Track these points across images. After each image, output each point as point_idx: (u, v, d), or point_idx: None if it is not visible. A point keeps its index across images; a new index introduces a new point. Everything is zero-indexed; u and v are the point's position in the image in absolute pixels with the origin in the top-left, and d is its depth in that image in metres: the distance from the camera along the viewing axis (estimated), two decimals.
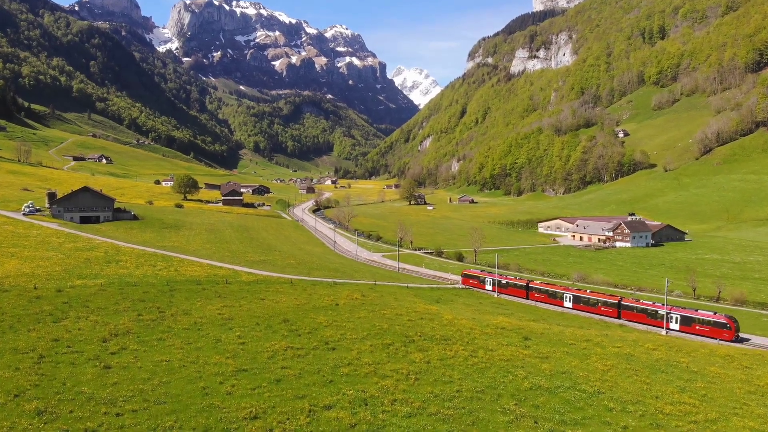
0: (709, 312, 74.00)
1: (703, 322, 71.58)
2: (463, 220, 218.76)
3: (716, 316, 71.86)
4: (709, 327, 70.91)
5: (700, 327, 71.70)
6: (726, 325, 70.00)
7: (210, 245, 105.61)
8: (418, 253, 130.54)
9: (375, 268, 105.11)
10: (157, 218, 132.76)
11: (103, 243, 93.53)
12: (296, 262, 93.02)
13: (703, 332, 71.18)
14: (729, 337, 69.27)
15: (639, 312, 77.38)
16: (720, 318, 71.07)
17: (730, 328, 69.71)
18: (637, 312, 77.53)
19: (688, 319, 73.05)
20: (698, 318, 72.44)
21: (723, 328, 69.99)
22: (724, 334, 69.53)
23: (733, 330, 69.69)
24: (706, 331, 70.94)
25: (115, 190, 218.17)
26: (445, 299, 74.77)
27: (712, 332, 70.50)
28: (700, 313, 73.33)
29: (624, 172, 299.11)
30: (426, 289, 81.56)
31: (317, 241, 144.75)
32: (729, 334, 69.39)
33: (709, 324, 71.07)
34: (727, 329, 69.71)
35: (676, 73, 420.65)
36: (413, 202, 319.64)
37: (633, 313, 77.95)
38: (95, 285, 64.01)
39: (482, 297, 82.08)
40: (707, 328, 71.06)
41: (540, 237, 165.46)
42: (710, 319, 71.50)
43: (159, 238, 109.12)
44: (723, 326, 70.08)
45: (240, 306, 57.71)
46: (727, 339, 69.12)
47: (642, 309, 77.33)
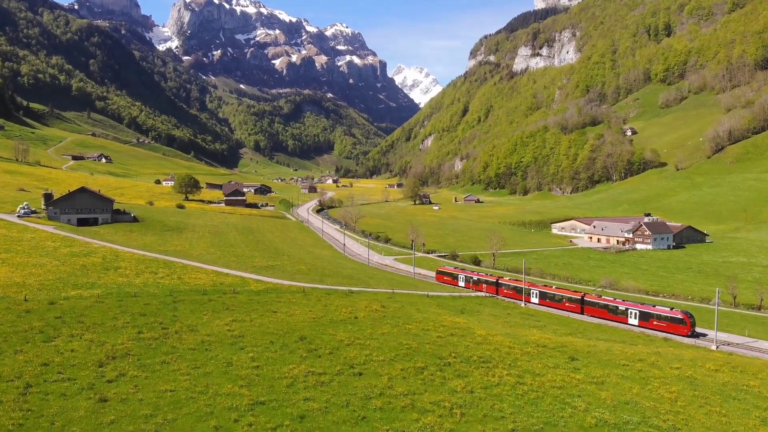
0: (666, 308, 75.48)
1: (661, 318, 73.23)
2: (471, 220, 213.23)
3: (673, 311, 73.13)
4: (666, 322, 72.55)
5: (657, 322, 73.40)
6: (682, 320, 71.25)
7: (214, 249, 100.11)
8: (431, 256, 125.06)
9: (389, 274, 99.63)
10: (158, 220, 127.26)
11: (101, 247, 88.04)
12: (307, 267, 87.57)
13: (661, 327, 72.67)
14: (685, 332, 70.61)
15: (601, 308, 78.98)
16: (677, 314, 72.30)
17: (686, 324, 70.90)
18: (599, 308, 79.12)
19: (646, 315, 74.86)
20: (656, 314, 74.03)
21: (679, 323, 71.43)
22: (680, 329, 71.11)
23: (688, 325, 70.88)
24: (663, 326, 72.50)
25: (115, 190, 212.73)
26: (470, 309, 69.29)
27: (668, 327, 72.06)
28: (657, 309, 74.74)
29: (634, 171, 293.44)
30: (447, 298, 76.10)
31: (325, 243, 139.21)
32: (685, 329, 70.80)
33: (666, 319, 72.63)
34: (683, 324, 71.06)
35: (683, 70, 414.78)
36: (418, 202, 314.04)
37: (595, 309, 79.49)
38: (91, 296, 58.55)
39: (509, 307, 76.57)
40: (664, 323, 72.71)
41: (555, 239, 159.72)
42: (667, 314, 72.88)
43: (160, 241, 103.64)
44: (679, 322, 71.46)
45: (251, 320, 52.23)
46: (683, 334, 70.47)
47: (603, 305, 78.96)
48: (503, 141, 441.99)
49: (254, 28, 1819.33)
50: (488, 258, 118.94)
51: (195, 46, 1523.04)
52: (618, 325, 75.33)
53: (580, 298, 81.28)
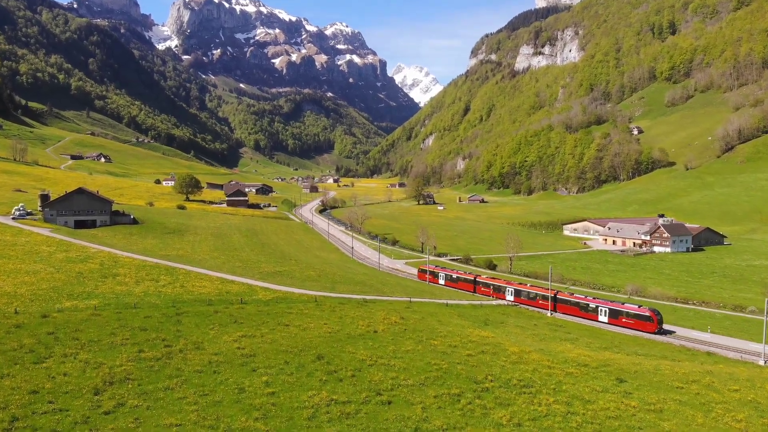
0: (634, 305, 77.08)
1: (629, 315, 74.65)
2: (478, 221, 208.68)
3: (641, 309, 74.70)
4: (634, 320, 73.93)
5: (626, 320, 74.81)
6: (649, 317, 72.64)
7: (218, 253, 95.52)
8: (443, 259, 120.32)
9: (402, 280, 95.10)
10: (158, 222, 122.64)
11: (98, 252, 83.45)
12: (316, 273, 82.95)
13: (629, 324, 74.16)
14: (652, 329, 72.05)
15: (572, 305, 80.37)
16: (644, 311, 73.78)
17: (653, 321, 72.30)
18: (571, 305, 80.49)
19: (615, 312, 76.27)
20: (624, 311, 75.41)
21: (647, 320, 72.79)
22: (647, 326, 72.50)
23: (655, 322, 72.24)
24: (632, 324, 73.95)
25: (114, 191, 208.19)
26: (493, 320, 64.76)
27: (636, 324, 73.42)
28: (626, 307, 76.19)
29: (642, 170, 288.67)
30: (468, 307, 71.54)
31: (331, 246, 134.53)
32: (652, 326, 72.21)
33: (635, 317, 74.02)
34: (650, 322, 72.48)
35: (689, 68, 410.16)
36: (422, 202, 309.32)
37: (567, 306, 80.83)
38: (88, 308, 54.01)
39: (534, 317, 71.95)
40: (632, 320, 74.11)
41: (567, 240, 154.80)
42: (635, 312, 74.34)
43: (161, 245, 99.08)
44: (647, 319, 72.82)
45: (262, 336, 47.69)
46: (651, 331, 71.97)
47: (575, 302, 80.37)
48: (507, 140, 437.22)
49: (254, 27, 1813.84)
50: (504, 262, 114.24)
51: (194, 45, 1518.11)
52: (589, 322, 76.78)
53: (553, 296, 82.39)
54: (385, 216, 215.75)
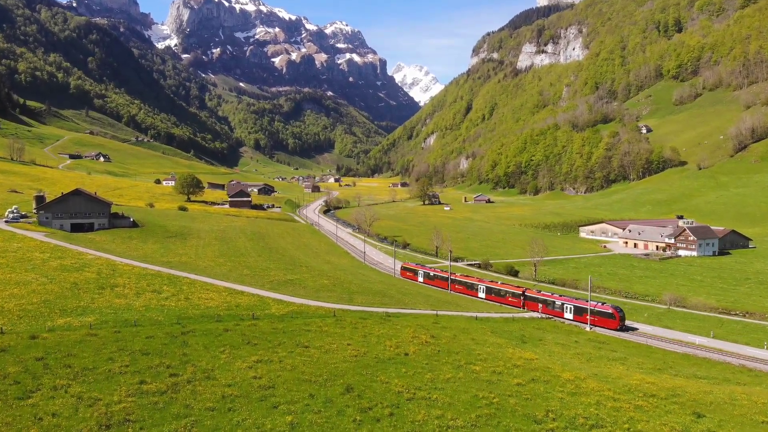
0: (598, 302, 78.57)
1: (593, 312, 75.98)
2: (488, 222, 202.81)
3: (604, 306, 76.20)
4: (598, 317, 75.22)
5: (590, 317, 76.17)
6: (612, 315, 73.91)
7: (224, 259, 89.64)
8: (461, 265, 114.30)
9: (422, 288, 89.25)
10: (159, 224, 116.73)
11: (96, 259, 77.63)
12: (330, 282, 77.08)
13: (593, 321, 75.52)
14: (614, 325, 73.53)
15: (540, 302, 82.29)
16: (607, 308, 75.05)
17: (615, 318, 73.58)
18: (539, 302, 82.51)
19: (580, 309, 77.69)
20: (589, 308, 76.62)
21: (609, 317, 74.05)
22: (610, 323, 73.85)
23: (617, 319, 73.50)
24: (595, 321, 75.40)
25: (113, 191, 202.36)
26: (530, 337, 58.98)
27: (599, 321, 74.80)
28: (590, 304, 77.29)
29: (653, 170, 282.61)
30: (498, 321, 65.74)
31: (341, 250, 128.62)
32: (614, 323, 73.58)
33: (598, 314, 75.28)
34: (612, 318, 73.78)
35: (696, 66, 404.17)
36: (427, 202, 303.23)
37: (534, 304, 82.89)
38: (83, 326, 48.25)
39: (572, 332, 66.01)
40: (596, 317, 75.47)
41: (585, 243, 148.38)
42: (599, 309, 75.73)
43: (163, 250, 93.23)
44: (609, 316, 74.08)
45: (280, 361, 41.92)
46: (613, 327, 73.39)
47: (543, 300, 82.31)
48: (512, 139, 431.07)
49: (254, 26, 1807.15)
50: (525, 267, 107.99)
51: (194, 44, 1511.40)
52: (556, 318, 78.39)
53: (522, 293, 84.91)
54: (391, 217, 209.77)
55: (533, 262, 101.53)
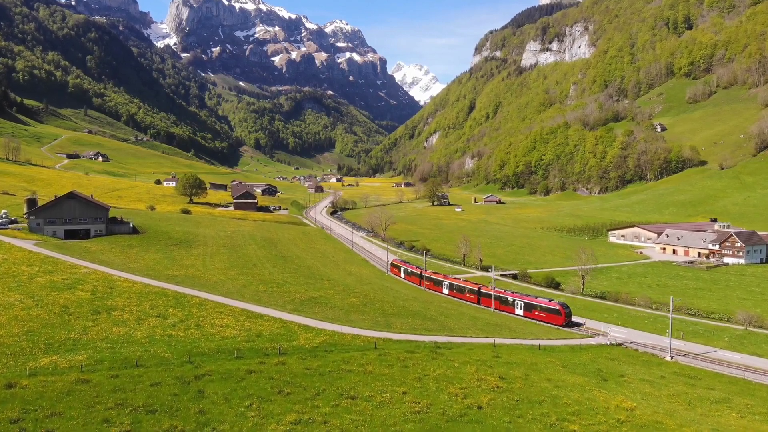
0: (546, 299, 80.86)
1: (541, 309, 78.37)
2: (505, 224, 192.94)
3: (551, 303, 78.28)
4: (546, 313, 77.49)
5: (538, 313, 78.78)
6: (558, 311, 76.02)
7: (235, 271, 79.99)
8: (490, 275, 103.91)
9: (463, 306, 79.58)
10: (162, 230, 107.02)
11: (91, 273, 68.03)
12: (359, 300, 67.49)
13: (541, 317, 78.03)
14: (560, 321, 75.46)
15: (494, 299, 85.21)
16: (554, 305, 77.20)
17: (561, 314, 75.52)
18: (493, 299, 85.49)
19: (530, 306, 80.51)
20: (537, 305, 79.25)
21: (556, 314, 76.12)
22: (557, 319, 75.89)
23: (563, 315, 75.42)
24: (543, 317, 77.66)
25: (111, 193, 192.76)
26: (608, 371, 49.44)
27: (547, 317, 76.97)
28: (538, 301, 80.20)
29: (671, 170, 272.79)
30: (564, 350, 56.24)
31: (359, 258, 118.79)
32: (560, 319, 75.45)
33: (546, 310, 77.60)
34: (559, 315, 75.74)
35: (709, 64, 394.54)
36: (436, 203, 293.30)
37: (489, 300, 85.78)
38: (72, 367, 38.72)
39: (649, 361, 56.17)
40: (544, 313, 77.75)
41: (618, 249, 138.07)
42: (546, 306, 78.02)
43: (167, 261, 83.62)
44: (556, 312, 76.18)
45: (324, 422, 32.36)
46: (559, 323, 75.36)
47: (496, 296, 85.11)
48: (520, 138, 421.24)
49: (253, 24, 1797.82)
50: (567, 278, 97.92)
51: (193, 43, 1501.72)
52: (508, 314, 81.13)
53: (477, 290, 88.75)
54: (402, 219, 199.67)
55: (580, 273, 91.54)
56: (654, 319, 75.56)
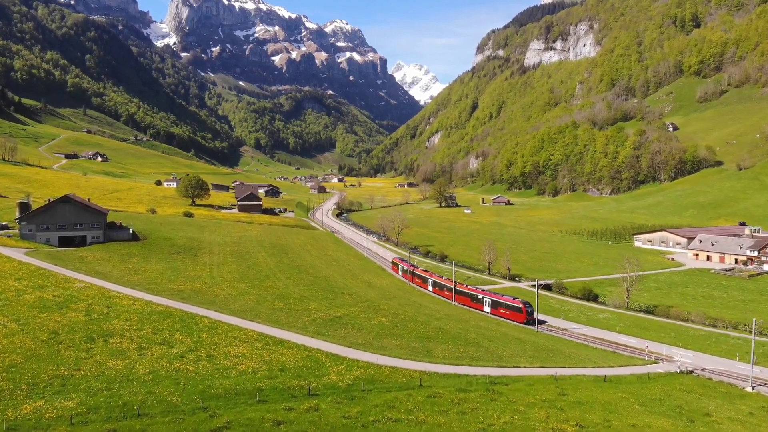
0: (510, 297, 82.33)
1: (506, 306, 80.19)
2: (520, 227, 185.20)
3: (514, 301, 79.94)
4: (509, 310, 79.34)
5: (503, 310, 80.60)
6: (520, 309, 77.99)
7: (246, 284, 72.54)
8: (523, 286, 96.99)
9: (503, 326, 71.05)
10: (164, 237, 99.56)
11: (86, 289, 60.65)
12: (389, 320, 60.01)
13: (506, 315, 79.92)
14: (521, 319, 77.45)
15: (467, 296, 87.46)
16: (517, 303, 79.01)
17: (522, 312, 77.53)
18: (466, 296, 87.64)
19: (496, 303, 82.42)
20: (503, 303, 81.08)
21: (518, 311, 78.05)
22: (518, 316, 77.88)
23: (524, 314, 77.33)
24: (507, 314, 79.59)
25: (111, 194, 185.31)
26: (689, 408, 42.12)
27: (511, 315, 79.01)
28: (504, 299, 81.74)
29: (686, 170, 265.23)
30: (632, 380, 48.75)
31: (375, 265, 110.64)
32: (521, 317, 77.44)
33: (509, 308, 79.41)
34: (520, 312, 77.74)
35: (719, 62, 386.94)
36: (444, 204, 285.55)
37: (462, 297, 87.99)
38: (60, 417, 31.40)
39: (729, 393, 48.56)
40: (508, 311, 79.63)
41: (647, 255, 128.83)
42: (510, 303, 79.77)
43: (170, 272, 76.21)
44: (518, 310, 78.08)
45: None
46: (520, 321, 77.45)
47: (469, 294, 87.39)
48: (527, 138, 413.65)
49: (253, 24, 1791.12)
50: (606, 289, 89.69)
51: (193, 43, 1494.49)
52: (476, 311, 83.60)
53: (453, 287, 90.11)
54: (412, 221, 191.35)
55: (624, 285, 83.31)
56: (716, 339, 67.83)
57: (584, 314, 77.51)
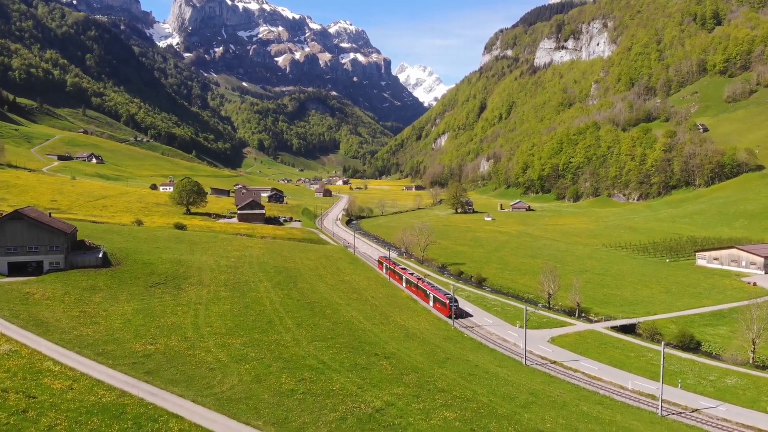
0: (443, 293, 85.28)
1: (436, 300, 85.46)
2: (553, 239, 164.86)
3: (444, 296, 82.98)
4: (440, 305, 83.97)
5: (437, 305, 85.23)
6: (445, 303, 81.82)
7: (241, 339, 52.95)
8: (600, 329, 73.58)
9: (625, 409, 48.95)
10: (143, 261, 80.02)
11: (11, 355, 41.43)
12: (457, 414, 39.94)
13: (439, 308, 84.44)
14: (446, 313, 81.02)
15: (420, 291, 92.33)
16: (444, 298, 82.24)
17: (446, 306, 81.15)
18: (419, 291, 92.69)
19: (434, 298, 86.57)
20: (437, 297, 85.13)
21: (443, 305, 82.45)
22: (444, 310, 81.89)
23: (447, 308, 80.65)
24: (440, 308, 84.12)
25: (96, 201, 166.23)
26: None
27: (441, 309, 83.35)
28: (439, 294, 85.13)
29: (723, 175, 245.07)
30: None
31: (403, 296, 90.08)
32: (446, 310, 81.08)
33: (439, 302, 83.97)
34: (444, 306, 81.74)
35: (747, 61, 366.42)
36: (460, 210, 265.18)
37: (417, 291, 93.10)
38: None
39: None
40: (439, 305, 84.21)
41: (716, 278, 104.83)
42: (440, 298, 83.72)
43: (142, 318, 56.82)
44: (443, 304, 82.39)
45: None
46: (445, 314, 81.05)
47: (422, 288, 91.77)
48: (544, 139, 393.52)
49: (257, 24, 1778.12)
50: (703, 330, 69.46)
51: (196, 43, 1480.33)
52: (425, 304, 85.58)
53: (416, 283, 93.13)
54: (431, 232, 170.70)
55: (748, 332, 62.60)
56: None
57: (703, 378, 57.10)
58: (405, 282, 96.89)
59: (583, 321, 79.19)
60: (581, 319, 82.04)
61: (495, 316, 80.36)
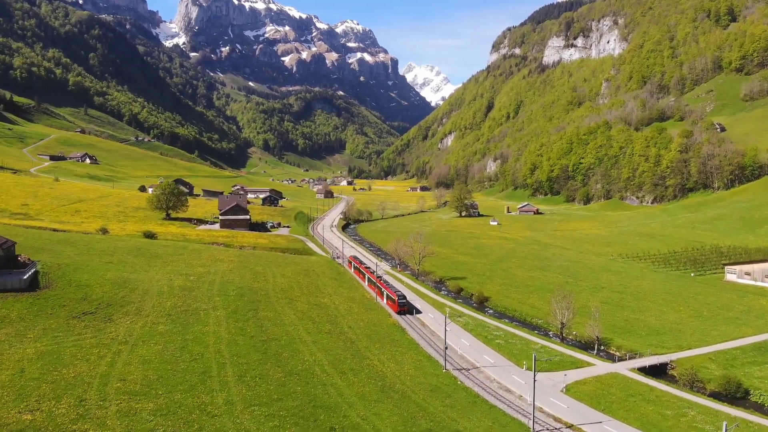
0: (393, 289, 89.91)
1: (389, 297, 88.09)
2: (564, 247, 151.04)
3: (395, 293, 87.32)
4: (390, 302, 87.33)
5: (388, 301, 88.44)
6: (394, 300, 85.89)
7: (158, 401, 40.17)
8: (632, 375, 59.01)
9: None
10: (78, 282, 67.62)
11: None
12: None
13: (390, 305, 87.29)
14: (395, 309, 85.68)
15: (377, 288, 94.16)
16: (393, 295, 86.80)
17: (395, 302, 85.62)
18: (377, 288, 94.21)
19: (388, 296, 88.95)
20: (389, 295, 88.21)
21: (393, 302, 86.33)
22: (393, 306, 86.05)
23: (396, 305, 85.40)
24: (391, 304, 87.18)
25: (70, 205, 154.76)
26: None
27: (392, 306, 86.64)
28: (391, 291, 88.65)
29: (744, 177, 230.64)
30: None
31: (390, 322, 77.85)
32: (395, 307, 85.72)
33: (390, 299, 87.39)
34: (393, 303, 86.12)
35: (764, 58, 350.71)
36: (465, 213, 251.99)
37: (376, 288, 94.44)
38: None
39: None
40: (390, 302, 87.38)
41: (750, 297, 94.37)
42: (391, 295, 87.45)
43: (40, 366, 44.45)
44: (393, 301, 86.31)
45: None
46: (395, 310, 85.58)
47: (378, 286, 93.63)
48: (553, 139, 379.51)
49: (263, 24, 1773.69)
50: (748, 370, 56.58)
51: (202, 42, 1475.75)
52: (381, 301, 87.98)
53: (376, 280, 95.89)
54: (430, 238, 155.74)
55: None
56: None
57: None
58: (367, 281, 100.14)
59: (603, 358, 65.49)
60: (601, 355, 68.42)
61: (497, 352, 66.23)
